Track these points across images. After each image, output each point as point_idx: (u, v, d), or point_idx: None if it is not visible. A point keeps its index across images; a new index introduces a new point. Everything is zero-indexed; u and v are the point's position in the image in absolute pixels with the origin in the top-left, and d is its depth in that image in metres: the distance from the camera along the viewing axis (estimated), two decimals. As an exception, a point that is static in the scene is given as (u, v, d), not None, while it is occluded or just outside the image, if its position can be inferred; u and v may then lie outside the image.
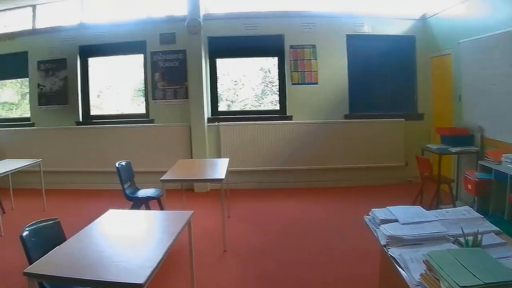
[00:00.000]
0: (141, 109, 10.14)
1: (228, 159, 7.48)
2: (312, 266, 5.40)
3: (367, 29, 9.33)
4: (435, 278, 2.36)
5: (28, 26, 10.56)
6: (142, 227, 4.18)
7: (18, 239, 3.46)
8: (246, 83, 10.02)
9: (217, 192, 8.05)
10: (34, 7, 10.52)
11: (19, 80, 11.08)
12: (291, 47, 9.31)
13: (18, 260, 5.02)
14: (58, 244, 3.52)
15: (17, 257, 5.35)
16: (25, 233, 3.49)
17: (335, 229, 6.71)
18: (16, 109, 11.38)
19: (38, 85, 10.29)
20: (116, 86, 10.64)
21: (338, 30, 9.30)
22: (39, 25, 10.52)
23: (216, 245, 6.14)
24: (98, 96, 10.62)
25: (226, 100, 10.12)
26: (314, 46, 9.27)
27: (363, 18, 9.33)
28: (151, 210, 6.34)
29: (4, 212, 8.22)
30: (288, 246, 6.13)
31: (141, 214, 4.90)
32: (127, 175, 7.20)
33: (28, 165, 8.10)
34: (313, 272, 5.23)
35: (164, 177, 6.12)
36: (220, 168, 6.67)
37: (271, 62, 9.79)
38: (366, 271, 4.98)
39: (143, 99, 10.14)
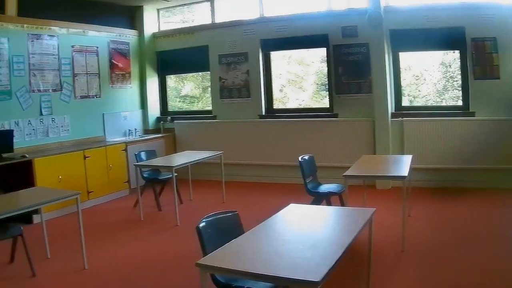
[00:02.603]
0: (325, 103, 10.76)
1: (411, 155, 7.60)
2: (495, 274, 5.25)
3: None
4: None
5: (207, 21, 11.66)
6: (322, 223, 4.41)
7: (193, 230, 3.78)
8: (427, 78, 10.30)
9: (398, 189, 8.27)
10: (212, 1, 11.52)
11: (199, 73, 12.30)
12: (472, 39, 9.41)
13: (191, 250, 5.53)
14: (235, 237, 3.74)
15: (191, 248, 5.94)
16: (201, 224, 3.76)
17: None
18: (197, 102, 12.58)
19: (220, 78, 11.33)
20: (299, 80, 11.40)
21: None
22: (218, 19, 11.53)
23: (393, 244, 6.30)
24: (281, 90, 11.45)
25: (408, 95, 10.47)
26: (494, 39, 9.31)
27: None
28: (332, 206, 6.62)
29: (181, 203, 9.11)
30: (470, 250, 6.03)
31: (322, 210, 5.07)
32: (309, 170, 7.52)
33: (209, 157, 8.95)
34: (496, 282, 5.08)
35: (347, 173, 6.31)
36: (403, 165, 6.82)
37: (452, 56, 10.02)
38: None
39: (325, 93, 10.76)
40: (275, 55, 11.30)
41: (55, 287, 5.63)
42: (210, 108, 11.88)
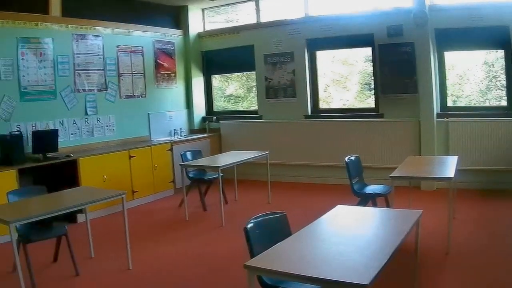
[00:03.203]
0: (369, 103, 10.70)
1: (457, 156, 7.46)
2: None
3: None
4: None
5: (252, 20, 11.69)
6: (370, 225, 4.39)
7: (237, 230, 3.83)
8: (470, 77, 10.12)
9: (443, 191, 8.28)
10: (257, 1, 11.53)
11: (244, 73, 12.38)
12: (516, 39, 9.07)
13: (237, 251, 5.61)
14: (283, 238, 3.73)
15: (236, 248, 6.01)
16: (249, 225, 3.73)
17: None
18: (242, 102, 12.64)
19: (266, 78, 11.32)
20: (342, 80, 11.34)
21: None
22: (263, 19, 11.53)
23: (438, 246, 6.17)
24: (325, 90, 11.39)
25: (451, 95, 10.24)
26: (535, 38, 8.96)
27: None
28: (378, 208, 6.46)
29: (226, 203, 9.07)
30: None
31: (370, 211, 5.11)
32: (356, 170, 7.42)
33: (255, 157, 8.92)
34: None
35: (394, 174, 6.24)
36: (449, 166, 6.72)
37: (494, 56, 9.79)
38: None
39: (369, 93, 10.69)
40: (319, 55, 11.23)
41: (99, 287, 5.70)
42: (255, 108, 11.91)
